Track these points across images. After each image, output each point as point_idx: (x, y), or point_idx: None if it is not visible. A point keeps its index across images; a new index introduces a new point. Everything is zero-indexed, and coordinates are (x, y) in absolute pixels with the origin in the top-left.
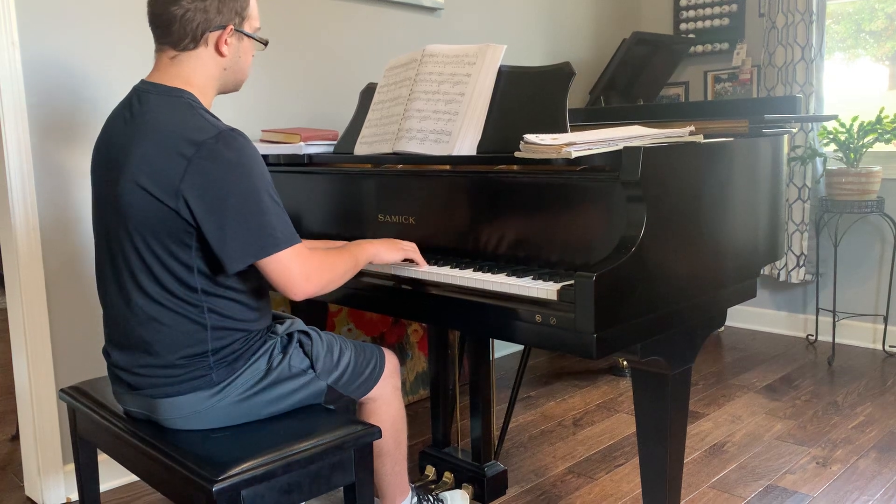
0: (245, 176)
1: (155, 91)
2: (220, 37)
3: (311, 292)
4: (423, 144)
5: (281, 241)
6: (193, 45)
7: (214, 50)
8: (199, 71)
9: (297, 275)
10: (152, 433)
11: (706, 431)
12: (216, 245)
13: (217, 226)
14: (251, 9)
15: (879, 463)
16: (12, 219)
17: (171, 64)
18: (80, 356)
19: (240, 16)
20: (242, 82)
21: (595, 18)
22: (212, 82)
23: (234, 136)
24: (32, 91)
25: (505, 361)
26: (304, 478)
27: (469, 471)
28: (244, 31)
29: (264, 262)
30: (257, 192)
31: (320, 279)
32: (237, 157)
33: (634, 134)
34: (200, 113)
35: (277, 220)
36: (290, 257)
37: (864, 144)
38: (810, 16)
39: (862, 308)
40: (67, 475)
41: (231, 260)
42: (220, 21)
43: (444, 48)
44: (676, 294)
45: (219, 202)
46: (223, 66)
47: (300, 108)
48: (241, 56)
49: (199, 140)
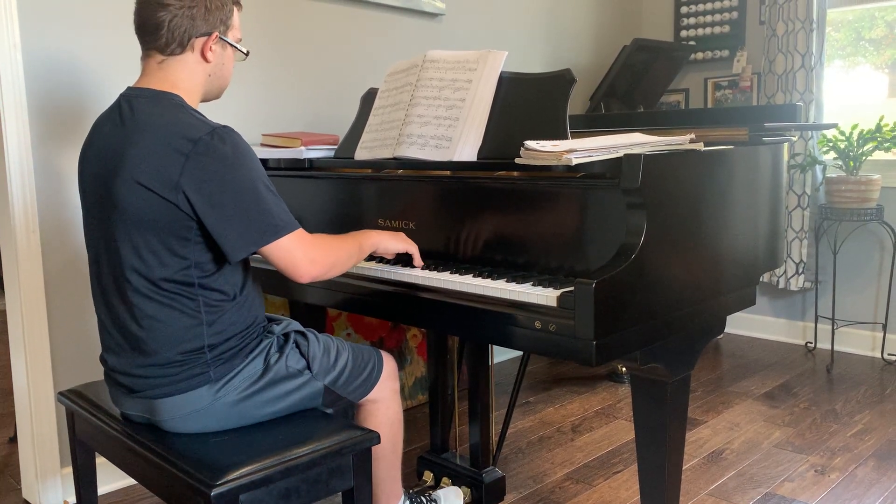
0: (241, 168)
1: (144, 95)
2: (205, 43)
3: (317, 274)
4: (423, 150)
5: (281, 227)
6: (180, 49)
7: (200, 55)
8: (186, 75)
9: (301, 258)
10: (151, 437)
11: (705, 438)
12: (218, 236)
13: (218, 217)
14: (234, 19)
15: (878, 471)
16: (12, 220)
17: (158, 69)
18: (79, 359)
19: (224, 24)
20: (224, 90)
21: (596, 25)
22: (197, 87)
23: (227, 131)
24: (33, 93)
25: (504, 367)
26: (303, 483)
27: (467, 476)
28: (227, 40)
29: (267, 249)
30: (254, 183)
31: (325, 261)
32: (232, 152)
33: (635, 141)
34: (191, 112)
35: (276, 207)
36: (292, 241)
37: (863, 152)
38: (810, 24)
39: (861, 316)
40: (65, 478)
41: (234, 249)
42: (206, 28)
43: (445, 54)
44: (676, 301)
45: (218, 195)
46: (208, 72)
47: (301, 112)
48: (225, 63)
49: (194, 137)
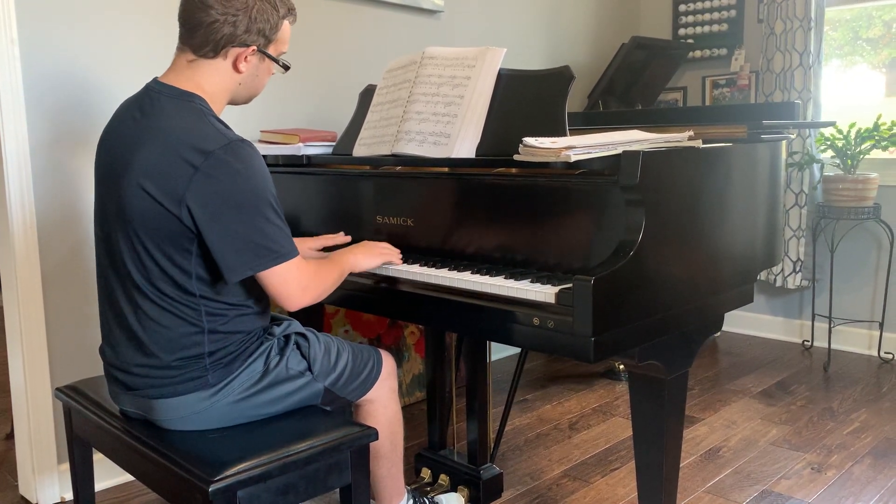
0: (251, 188)
1: (167, 93)
2: (240, 54)
3: (307, 302)
4: (422, 146)
5: (280, 254)
6: (213, 54)
7: (232, 65)
8: (214, 80)
9: (295, 287)
10: (148, 433)
11: (702, 436)
12: (217, 255)
13: (219, 237)
14: (281, 32)
15: (874, 469)
16: (10, 217)
17: (187, 67)
18: (76, 355)
19: (266, 38)
20: (253, 98)
21: (594, 23)
22: (224, 93)
23: (242, 146)
24: (31, 91)
25: (502, 364)
26: (301, 479)
27: (465, 473)
28: (267, 53)
29: (263, 275)
30: (261, 204)
31: (315, 290)
32: (245, 169)
33: (633, 138)
34: (210, 120)
35: (279, 233)
36: (288, 270)
37: (861, 151)
38: (808, 22)
39: (858, 314)
40: (62, 474)
41: (231, 271)
42: (246, 39)
43: (443, 51)
44: (674, 298)
45: (222, 213)
46: (238, 80)
47: (299, 108)
48: (259, 75)
49: (207, 149)
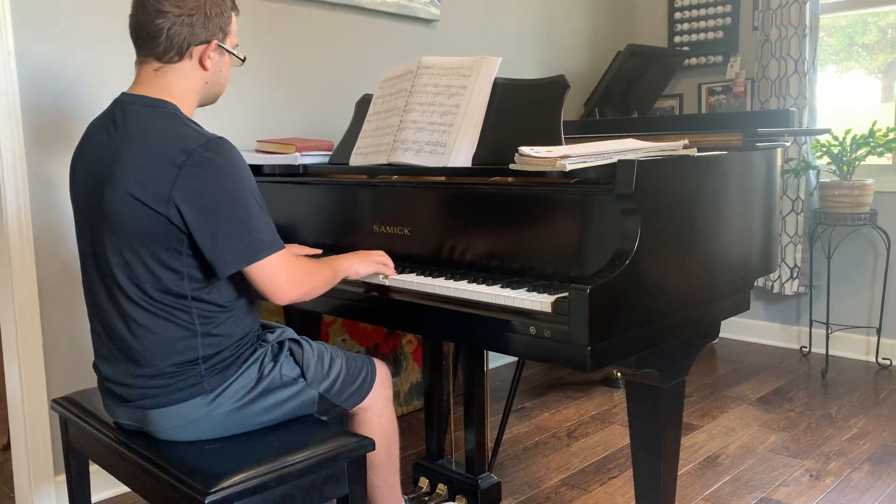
0: (234, 182)
1: (139, 103)
2: (204, 51)
3: (296, 297)
4: (418, 156)
5: (268, 246)
6: (178, 58)
7: (198, 63)
8: (183, 83)
9: (284, 279)
10: (145, 444)
11: (700, 443)
12: (207, 251)
13: (208, 232)
14: (232, 25)
15: (873, 476)
16: (6, 227)
17: (154, 76)
18: (73, 366)
19: (223, 31)
20: (219, 95)
21: (590, 31)
22: (194, 95)
23: (221, 143)
24: (27, 100)
25: (499, 372)
26: (298, 490)
27: (463, 482)
28: (225, 47)
29: (252, 268)
30: (245, 197)
31: (305, 285)
32: (226, 164)
33: (629, 147)
34: (185, 122)
35: (264, 225)
36: (277, 262)
37: (856, 157)
38: (804, 29)
39: (855, 320)
40: (58, 486)
41: (223, 265)
42: (205, 36)
43: (439, 60)
44: (670, 306)
45: (210, 208)
46: (205, 79)
47: (296, 118)
48: (222, 70)
49: (188, 148)
